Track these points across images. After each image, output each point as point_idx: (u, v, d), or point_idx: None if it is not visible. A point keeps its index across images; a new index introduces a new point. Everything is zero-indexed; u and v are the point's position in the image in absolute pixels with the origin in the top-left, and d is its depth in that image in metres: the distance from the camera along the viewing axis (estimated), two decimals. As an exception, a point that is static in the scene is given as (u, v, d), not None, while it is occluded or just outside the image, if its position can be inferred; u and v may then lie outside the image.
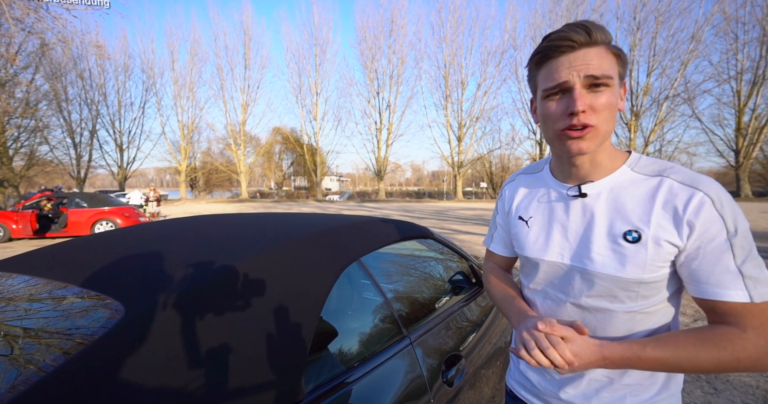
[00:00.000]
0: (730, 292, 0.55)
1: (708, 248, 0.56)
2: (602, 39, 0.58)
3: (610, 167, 0.64)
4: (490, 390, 1.38)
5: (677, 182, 0.59)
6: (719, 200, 0.56)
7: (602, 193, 0.64)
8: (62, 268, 0.94)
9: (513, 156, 37.34)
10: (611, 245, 0.61)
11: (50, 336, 0.68)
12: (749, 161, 26.17)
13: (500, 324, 1.69)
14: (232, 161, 36.51)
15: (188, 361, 0.63)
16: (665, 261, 0.59)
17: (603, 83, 0.57)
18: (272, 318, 0.77)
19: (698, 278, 0.57)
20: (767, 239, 7.92)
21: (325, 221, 1.29)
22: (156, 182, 74.37)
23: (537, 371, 0.76)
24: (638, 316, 0.62)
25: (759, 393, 2.11)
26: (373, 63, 32.44)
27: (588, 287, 0.64)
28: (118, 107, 31.76)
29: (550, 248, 0.69)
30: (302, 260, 0.93)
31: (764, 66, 24.67)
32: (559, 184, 0.70)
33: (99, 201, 9.24)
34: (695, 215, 0.56)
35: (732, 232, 0.55)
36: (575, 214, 0.66)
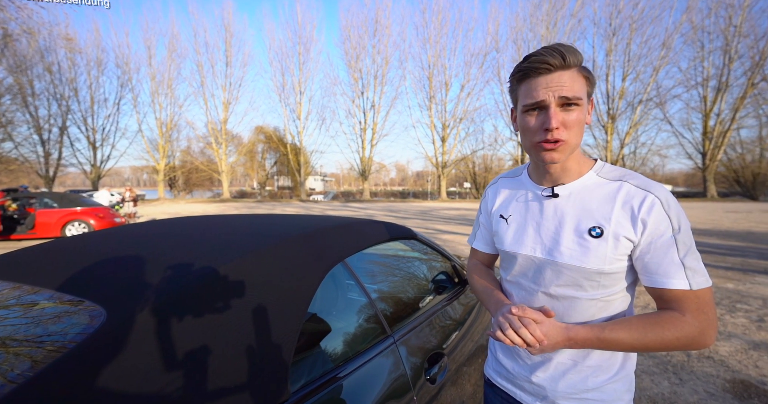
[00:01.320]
0: (674, 281, 0.64)
1: (657, 243, 0.65)
2: (574, 62, 0.66)
3: (578, 171, 0.73)
4: (472, 387, 1.41)
5: (634, 186, 0.68)
6: (667, 202, 0.65)
7: (572, 194, 0.72)
8: (41, 272, 0.90)
9: (496, 157, 38.04)
10: (577, 240, 0.69)
11: (31, 343, 0.65)
12: (714, 164, 27.67)
13: (482, 322, 1.73)
14: (213, 160, 35.62)
15: (174, 364, 0.62)
16: (623, 255, 0.67)
17: (574, 103, 0.66)
18: (257, 319, 0.76)
19: (649, 269, 0.66)
20: (730, 237, 8.39)
21: (310, 223, 1.28)
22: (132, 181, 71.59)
23: (511, 358, 0.83)
24: (599, 303, 0.71)
25: (719, 381, 2.24)
26: (358, 63, 32.38)
27: (557, 277, 0.72)
28: (90, 103, 30.39)
29: (525, 243, 0.77)
30: (287, 262, 0.93)
31: (727, 74, 26.17)
32: (535, 186, 0.78)
33: (70, 201, 8.82)
34: (648, 214, 0.65)
35: (676, 229, 0.64)
36: (548, 212, 0.74)
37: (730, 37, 25.61)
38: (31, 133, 26.93)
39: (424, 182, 57.54)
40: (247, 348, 0.71)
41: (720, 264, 5.52)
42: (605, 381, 0.73)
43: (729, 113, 26.77)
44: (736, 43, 25.57)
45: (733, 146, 29.29)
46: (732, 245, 7.28)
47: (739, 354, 2.61)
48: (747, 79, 25.51)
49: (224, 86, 33.33)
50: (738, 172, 29.49)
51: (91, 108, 30.47)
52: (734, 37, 25.50)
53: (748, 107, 26.75)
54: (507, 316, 0.67)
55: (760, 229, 9.67)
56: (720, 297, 3.92)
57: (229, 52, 33.00)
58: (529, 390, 0.80)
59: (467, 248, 7.32)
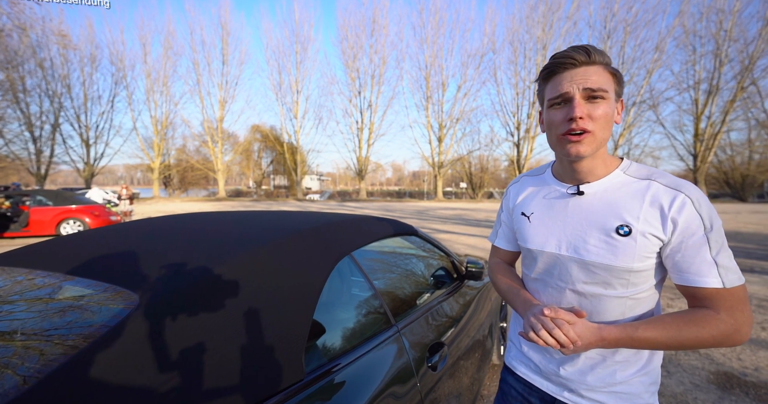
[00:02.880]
0: (707, 279, 0.64)
1: (689, 242, 0.65)
2: (600, 60, 0.68)
3: (605, 170, 0.73)
4: (469, 379, 1.48)
5: (663, 184, 0.68)
6: (698, 201, 0.65)
7: (598, 192, 0.73)
8: (71, 261, 0.95)
9: (492, 157, 38.27)
10: (605, 238, 0.70)
11: (74, 325, 0.71)
12: (705, 165, 28.11)
13: (478, 319, 1.80)
14: (208, 158, 35.37)
15: (201, 345, 0.68)
16: (651, 252, 0.68)
17: (599, 95, 0.66)
18: (275, 305, 0.83)
19: (681, 268, 0.66)
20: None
21: (317, 218, 1.35)
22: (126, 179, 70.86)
23: (539, 352, 0.84)
24: (629, 302, 0.71)
25: (704, 373, 2.34)
26: (355, 62, 32.37)
27: (585, 275, 0.72)
28: (84, 99, 30.01)
29: (549, 240, 0.77)
30: (300, 254, 0.99)
31: (718, 77, 26.59)
32: (559, 184, 0.79)
33: (65, 199, 8.76)
34: (678, 213, 0.65)
35: (708, 228, 0.64)
36: (573, 210, 0.75)
37: (721, 42, 26.03)
38: (23, 130, 26.56)
39: (420, 182, 57.72)
40: (265, 332, 0.78)
41: (708, 263, 5.66)
42: (632, 375, 0.74)
43: (719, 116, 27.22)
44: (727, 48, 26.01)
45: (724, 149, 29.82)
46: (721, 245, 7.46)
47: (723, 348, 2.72)
48: (737, 82, 25.95)
49: (220, 84, 33.14)
50: (728, 174, 30.03)
51: (84, 105, 30.10)
52: (725, 41, 25.93)
53: (738, 110, 27.22)
54: (539, 317, 0.67)
55: (748, 229, 9.89)
56: (707, 295, 4.05)
57: (225, 50, 32.81)
58: (556, 381, 0.81)
59: (464, 247, 7.35)
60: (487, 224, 11.86)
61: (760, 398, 2.07)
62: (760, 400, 2.04)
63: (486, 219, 13.44)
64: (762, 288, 4.29)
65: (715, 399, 2.06)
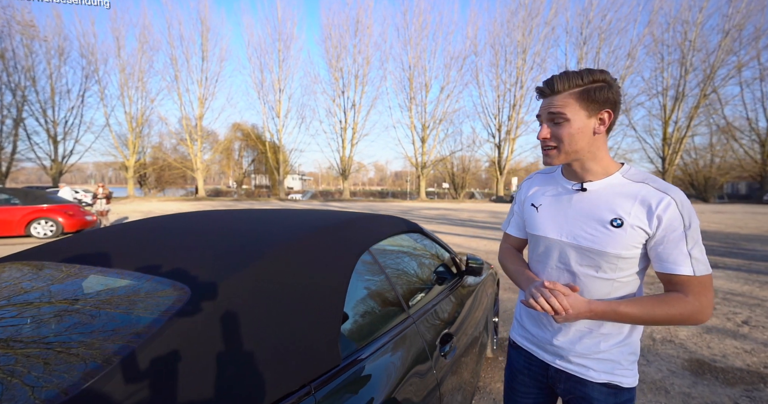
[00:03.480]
0: (682, 268, 0.77)
1: (670, 237, 0.77)
2: (563, 88, 0.80)
3: (604, 172, 0.85)
4: (470, 372, 1.56)
5: (653, 188, 0.80)
6: (681, 204, 0.77)
7: (598, 190, 0.85)
8: (121, 255, 0.97)
9: (473, 158, 38.98)
10: (600, 228, 0.82)
11: (138, 314, 0.73)
12: (672, 167, 29.76)
13: (477, 313, 1.89)
14: (186, 157, 34.30)
15: (247, 332, 0.72)
16: (638, 243, 0.80)
17: (560, 119, 0.81)
18: (310, 296, 0.87)
19: (661, 257, 0.79)
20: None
21: (333, 216, 1.39)
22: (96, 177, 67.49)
23: (536, 325, 0.97)
24: (615, 283, 0.84)
25: (679, 361, 2.54)
26: (339, 62, 32.24)
27: (580, 258, 0.85)
28: (51, 93, 28.41)
29: (553, 228, 0.90)
30: (327, 248, 1.04)
31: (683, 84, 28.25)
32: (567, 181, 0.91)
33: (35, 198, 8.29)
34: (663, 212, 0.77)
35: (687, 226, 0.77)
36: (576, 204, 0.87)
37: (686, 51, 27.67)
38: (-20, 125, 24.89)
39: (402, 183, 58.03)
40: (305, 321, 0.83)
41: (678, 260, 6.05)
42: (614, 346, 0.87)
43: (685, 121, 28.94)
44: (691, 57, 27.68)
45: (689, 152, 31.69)
46: (688, 242, 7.96)
47: (695, 337, 2.94)
48: (700, 90, 27.67)
49: (200, 81, 32.21)
50: (692, 176, 31.92)
51: (51, 99, 28.50)
52: (689, 50, 27.59)
53: (701, 116, 29.07)
54: (539, 288, 0.81)
55: (711, 228, 10.59)
56: (678, 289, 4.34)
57: (205, 46, 31.93)
58: (550, 350, 0.94)
59: (452, 246, 7.47)
60: (471, 224, 12.13)
61: (727, 381, 2.26)
62: (727, 383, 2.24)
63: (470, 219, 13.73)
64: (726, 282, 4.64)
65: (690, 383, 2.24)
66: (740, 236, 8.82)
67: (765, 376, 2.33)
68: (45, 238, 8.08)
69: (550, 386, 0.98)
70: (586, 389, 0.89)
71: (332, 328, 0.87)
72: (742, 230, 10.14)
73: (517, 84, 31.35)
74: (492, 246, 7.25)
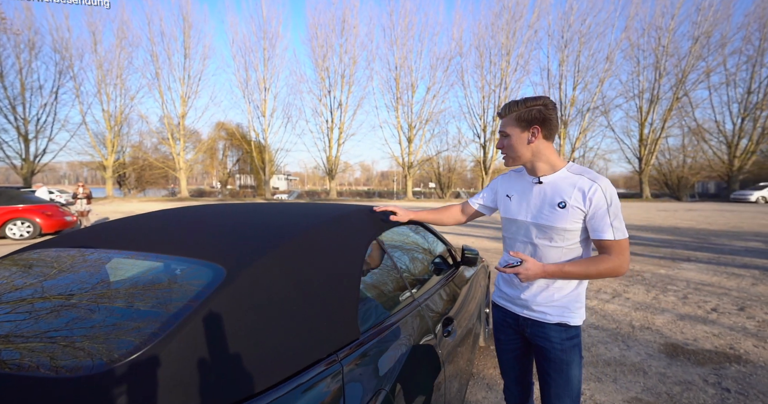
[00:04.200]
0: (606, 235, 1.07)
1: (598, 213, 1.07)
2: (506, 113, 1.16)
3: (552, 169, 1.16)
4: (464, 361, 1.66)
5: (587, 178, 1.10)
6: (605, 188, 1.07)
7: (550, 182, 1.15)
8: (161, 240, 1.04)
9: (459, 158, 39.42)
10: (552, 210, 1.12)
11: (179, 292, 0.80)
12: (648, 168, 31.01)
13: (472, 301, 2.01)
14: (168, 156, 33.36)
15: (277, 307, 0.80)
16: (578, 219, 1.09)
17: (506, 134, 1.17)
18: (330, 277, 0.96)
19: (593, 228, 1.09)
20: (661, 232, 9.63)
21: (340, 207, 1.47)
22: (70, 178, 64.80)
23: (508, 286, 1.27)
24: (564, 250, 1.13)
25: (656, 345, 2.73)
26: (325, 61, 32.05)
27: (539, 233, 1.15)
28: (21, 89, 27.10)
29: (521, 212, 1.20)
30: (341, 235, 1.13)
31: (658, 88, 29.44)
32: (529, 177, 1.22)
33: (11, 198, 7.97)
34: (593, 195, 1.07)
35: (609, 205, 1.06)
36: (535, 193, 1.18)
37: (660, 56, 28.88)
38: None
39: (389, 182, 58.22)
40: (328, 299, 0.91)
41: (654, 254, 6.38)
42: (564, 296, 1.16)
43: (659, 123, 30.16)
44: (664, 61, 28.90)
45: (663, 153, 33.04)
46: (663, 238, 8.38)
47: (670, 324, 3.16)
48: (673, 93, 28.93)
49: (182, 79, 31.36)
50: (666, 175, 33.31)
51: (21, 95, 27.16)
52: (662, 55, 28.80)
53: (674, 118, 30.32)
54: (509, 255, 1.17)
55: (684, 225, 11.16)
56: (655, 281, 4.61)
57: (187, 43, 31.11)
58: (519, 303, 1.24)
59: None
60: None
61: (698, 362, 2.46)
62: (698, 363, 2.44)
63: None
64: (697, 274, 4.95)
65: (665, 364, 2.43)
66: (710, 232, 9.34)
67: (730, 356, 2.54)
68: (21, 239, 7.78)
69: (521, 332, 1.26)
70: (544, 329, 1.19)
71: (351, 306, 0.95)
72: (712, 226, 10.73)
73: (502, 85, 31.99)
74: (481, 243, 7.44)
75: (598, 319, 3.29)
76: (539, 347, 1.21)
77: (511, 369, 1.35)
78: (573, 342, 1.17)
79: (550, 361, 1.18)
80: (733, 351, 2.62)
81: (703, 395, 2.06)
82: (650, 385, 2.17)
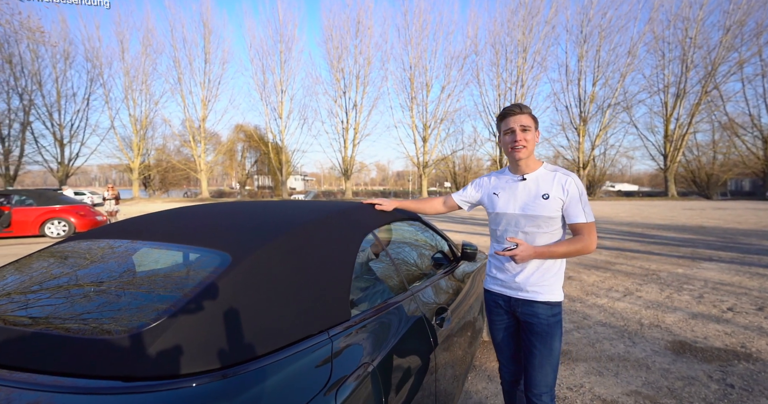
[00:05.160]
0: (578, 219, 1.29)
1: (572, 201, 1.29)
2: (526, 111, 1.33)
3: (534, 168, 1.37)
4: (462, 351, 1.74)
5: (561, 174, 1.33)
6: (576, 182, 1.31)
7: (533, 179, 1.36)
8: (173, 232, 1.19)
9: (475, 157, 39.02)
10: (536, 201, 1.32)
11: (191, 278, 0.94)
12: (674, 165, 29.73)
13: (472, 295, 2.08)
14: (190, 158, 34.64)
15: (282, 290, 0.92)
16: (559, 208, 1.31)
17: (528, 128, 1.32)
18: (326, 263, 1.07)
19: (568, 214, 1.31)
20: (684, 231, 9.29)
21: (342, 203, 1.59)
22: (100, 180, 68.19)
23: (501, 272, 1.43)
24: (548, 235, 1.34)
25: (662, 342, 2.72)
26: (340, 62, 32.46)
27: (527, 222, 1.34)
28: (57, 97, 28.84)
29: (509, 206, 1.39)
30: (339, 227, 1.24)
31: (685, 81, 28.21)
32: (512, 175, 1.42)
33: (49, 199, 8.57)
34: (569, 187, 1.30)
35: (580, 194, 1.29)
36: (520, 188, 1.37)
37: (687, 48, 27.65)
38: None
39: (404, 182, 58.18)
40: (323, 283, 1.02)
41: (673, 254, 6.20)
42: (551, 277, 1.36)
43: (686, 118, 28.90)
44: (692, 54, 27.66)
45: (691, 149, 31.60)
46: (685, 237, 8.09)
47: (680, 322, 3.12)
48: (701, 87, 27.63)
49: (203, 83, 32.57)
50: (694, 173, 31.83)
51: (57, 103, 28.93)
52: (690, 47, 27.57)
53: (703, 113, 29.00)
54: (505, 241, 1.36)
55: (711, 224, 10.71)
56: (671, 280, 4.51)
57: (207, 48, 32.27)
58: (513, 287, 1.40)
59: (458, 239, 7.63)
60: (472, 221, 12.30)
61: (705, 359, 2.44)
62: (705, 360, 2.42)
63: (471, 217, 13.89)
64: (717, 274, 4.80)
65: (670, 361, 2.42)
66: (738, 231, 8.95)
67: (740, 354, 2.51)
68: (58, 237, 8.34)
69: (512, 312, 1.43)
70: (533, 308, 1.36)
71: (343, 291, 1.06)
72: (741, 225, 10.25)
73: (518, 83, 31.47)
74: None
75: (606, 317, 3.28)
76: (528, 323, 1.37)
77: (505, 346, 1.51)
78: (556, 318, 1.35)
79: (536, 334, 1.35)
80: (744, 350, 2.57)
81: (705, 390, 2.06)
82: (652, 380, 2.18)
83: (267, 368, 0.78)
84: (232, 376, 0.73)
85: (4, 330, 0.81)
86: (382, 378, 0.99)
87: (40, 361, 0.73)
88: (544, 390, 1.35)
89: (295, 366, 0.82)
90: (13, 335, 0.79)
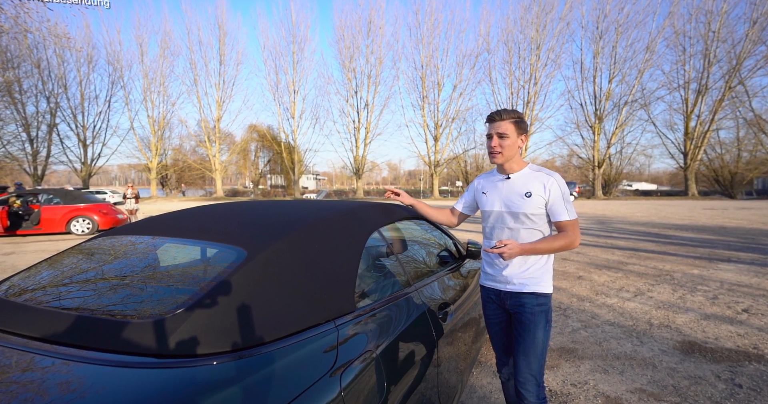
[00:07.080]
0: (562, 216, 1.37)
1: (555, 200, 1.37)
2: (507, 117, 1.39)
3: (519, 168, 1.45)
4: (466, 346, 1.79)
5: (545, 174, 1.40)
6: (559, 181, 1.38)
7: (517, 178, 1.44)
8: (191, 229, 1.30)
9: (487, 156, 38.58)
10: (520, 199, 1.40)
11: (206, 271, 1.04)
12: (695, 163, 28.74)
13: (472, 299, 2.13)
14: (205, 158, 35.49)
15: (292, 282, 1.01)
16: (542, 206, 1.38)
17: (505, 135, 1.39)
18: (334, 258, 1.15)
19: (552, 211, 1.39)
20: (704, 232, 9.03)
21: (350, 203, 1.67)
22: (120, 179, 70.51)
23: (491, 267, 1.51)
24: (533, 231, 1.41)
25: (671, 342, 2.71)
26: (351, 62, 32.63)
27: (512, 219, 1.43)
28: (81, 99, 30.02)
29: (495, 204, 1.48)
30: (346, 225, 1.32)
31: (707, 77, 27.19)
32: (499, 175, 1.50)
33: (74, 198, 8.99)
34: (551, 186, 1.37)
35: (564, 193, 1.38)
36: (506, 187, 1.46)
37: (709, 42, 26.65)
38: (20, 131, 26.54)
39: (416, 181, 58.04)
40: (331, 276, 1.10)
41: (690, 254, 6.06)
42: (537, 269, 1.43)
43: (708, 115, 27.86)
44: (715, 48, 26.64)
45: (713, 147, 30.46)
46: (704, 238, 7.88)
47: (692, 323, 3.09)
48: (725, 82, 26.59)
49: (218, 84, 33.28)
50: (717, 171, 30.65)
51: (81, 105, 30.10)
52: (713, 41, 26.56)
53: (726, 109, 27.90)
54: (488, 244, 1.48)
55: (732, 224, 10.36)
56: (685, 281, 4.43)
57: (222, 50, 32.95)
58: (501, 280, 1.48)
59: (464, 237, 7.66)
60: (477, 221, 12.22)
61: (714, 359, 2.43)
62: (714, 360, 2.41)
63: (476, 217, 13.80)
64: (735, 275, 4.69)
65: (678, 360, 2.42)
66: (761, 232, 8.64)
67: (752, 355, 2.48)
68: (83, 235, 8.74)
69: (503, 306, 1.50)
70: (521, 299, 1.43)
71: (349, 284, 1.14)
72: (765, 225, 9.89)
73: (531, 81, 30.98)
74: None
75: (615, 316, 3.27)
76: (515, 313, 1.45)
77: (499, 340, 1.58)
78: (542, 308, 1.41)
79: (521, 323, 1.42)
80: (756, 351, 2.54)
81: (712, 389, 2.06)
82: (657, 378, 2.19)
83: (278, 351, 0.86)
84: (247, 357, 0.82)
85: (58, 314, 0.93)
86: (385, 365, 1.06)
87: (92, 340, 0.84)
88: (528, 379, 1.39)
89: (304, 351, 0.90)
90: (68, 319, 0.90)
